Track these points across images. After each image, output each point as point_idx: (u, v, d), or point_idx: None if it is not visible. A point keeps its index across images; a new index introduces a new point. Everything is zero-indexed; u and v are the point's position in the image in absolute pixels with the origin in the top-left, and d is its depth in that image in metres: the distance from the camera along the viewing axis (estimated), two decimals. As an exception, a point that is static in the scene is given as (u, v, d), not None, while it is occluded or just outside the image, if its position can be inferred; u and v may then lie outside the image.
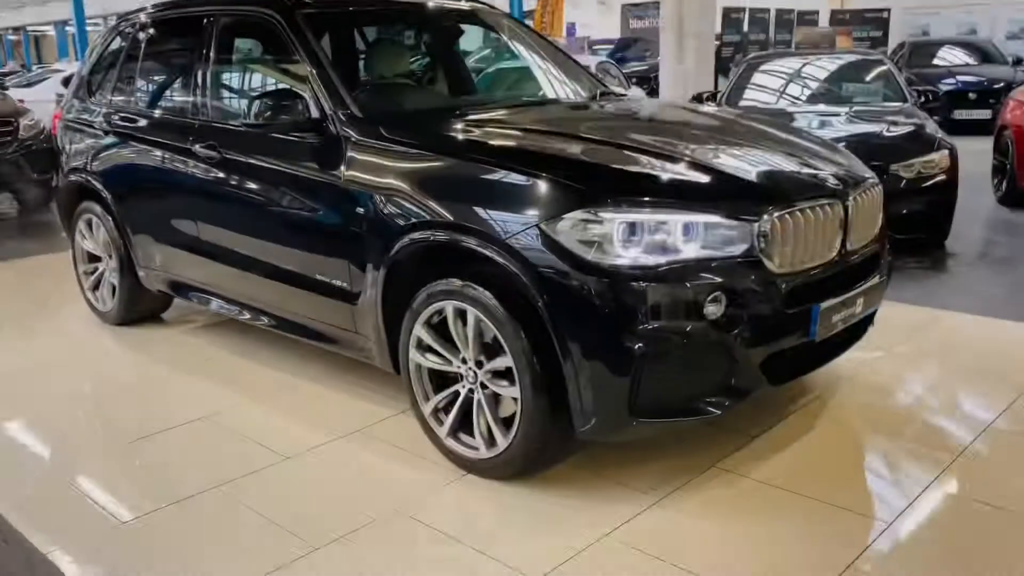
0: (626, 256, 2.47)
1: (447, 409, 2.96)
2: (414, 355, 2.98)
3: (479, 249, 2.67)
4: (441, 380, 2.99)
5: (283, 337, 3.84)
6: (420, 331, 2.92)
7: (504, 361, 2.68)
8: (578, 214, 2.50)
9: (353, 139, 3.12)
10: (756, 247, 2.52)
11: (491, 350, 2.77)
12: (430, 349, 2.95)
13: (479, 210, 2.69)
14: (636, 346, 2.43)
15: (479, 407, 2.82)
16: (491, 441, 2.81)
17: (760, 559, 2.39)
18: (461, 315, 2.80)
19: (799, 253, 2.64)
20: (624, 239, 2.48)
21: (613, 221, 2.48)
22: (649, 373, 2.47)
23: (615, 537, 2.51)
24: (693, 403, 2.59)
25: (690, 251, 2.49)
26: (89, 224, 4.63)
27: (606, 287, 2.45)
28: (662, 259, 2.47)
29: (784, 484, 2.77)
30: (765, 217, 2.54)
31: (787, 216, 2.60)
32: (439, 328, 2.91)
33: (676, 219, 2.49)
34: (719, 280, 2.48)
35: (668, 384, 2.53)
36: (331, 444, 3.19)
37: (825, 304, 2.70)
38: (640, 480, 2.81)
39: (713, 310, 2.47)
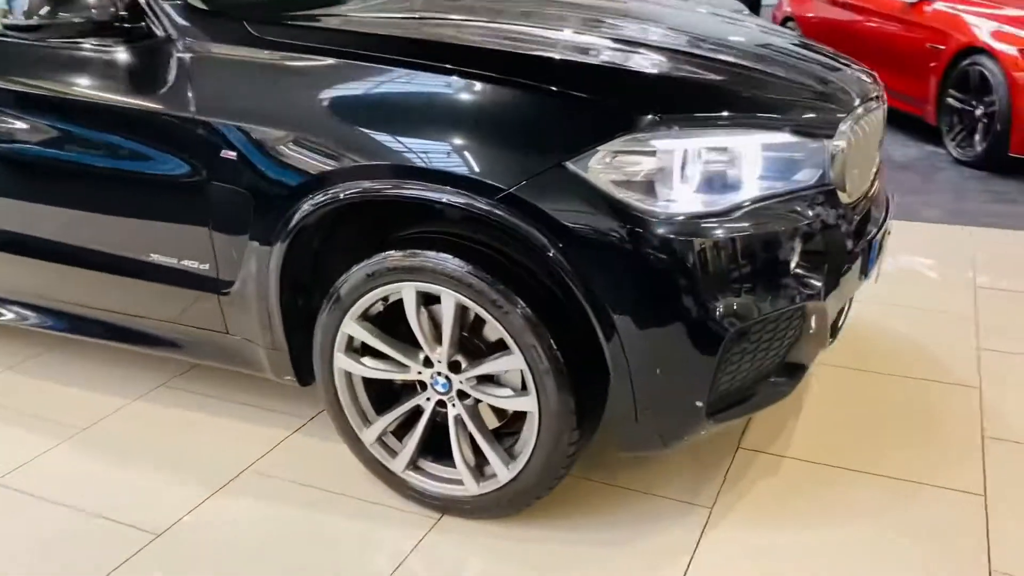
0: (693, 198, 1.72)
1: (400, 432, 2.09)
2: (342, 361, 2.04)
3: (463, 206, 1.78)
4: (386, 393, 2.11)
5: (107, 350, 2.68)
6: (352, 327, 1.99)
7: (505, 362, 1.86)
8: (619, 142, 1.70)
9: (200, 46, 2.03)
10: (827, 173, 1.88)
11: (470, 348, 1.94)
12: (370, 351, 2.03)
13: (459, 146, 1.78)
14: (724, 320, 1.73)
15: (459, 425, 1.99)
16: (481, 472, 2.01)
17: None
18: (425, 301, 1.91)
19: (860, 176, 2.04)
20: (686, 174, 1.72)
21: (672, 151, 1.71)
22: (734, 353, 1.79)
23: (691, 580, 1.85)
24: (763, 384, 1.95)
25: (768, 185, 1.79)
26: None
27: (675, 245, 1.68)
28: (736, 198, 1.75)
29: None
30: (842, 129, 1.90)
31: (856, 127, 1.98)
32: (380, 322, 2.01)
33: (748, 141, 1.78)
34: (805, 222, 1.82)
35: (748, 364, 1.87)
36: (213, 502, 2.19)
37: (877, 236, 2.15)
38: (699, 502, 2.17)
39: (799, 263, 1.82)
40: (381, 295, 1.94)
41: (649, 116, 1.71)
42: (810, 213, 1.83)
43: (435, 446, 2.06)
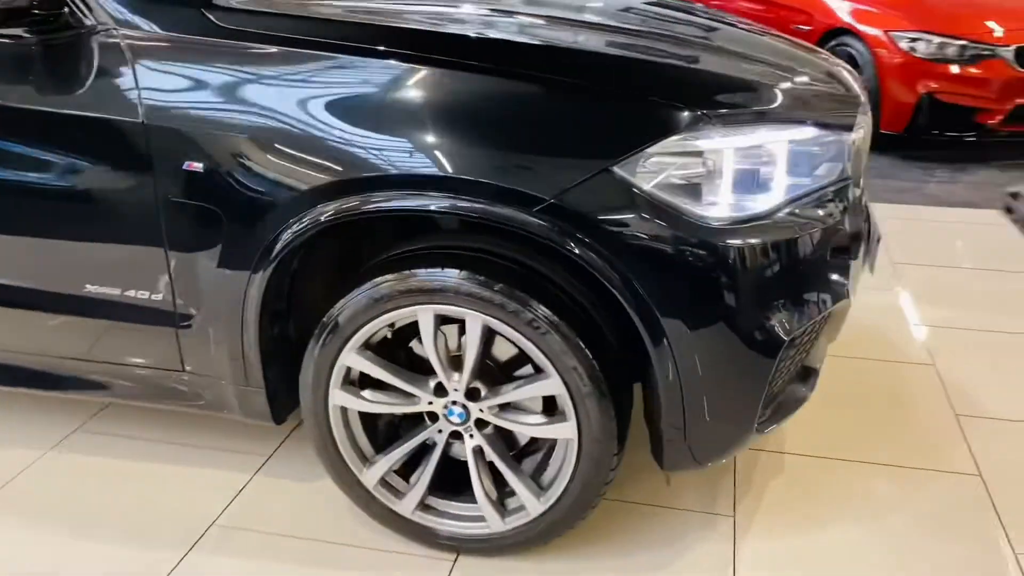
0: (741, 200, 1.61)
1: (406, 471, 1.87)
2: (339, 396, 1.79)
3: (495, 218, 1.58)
4: (384, 428, 1.89)
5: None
6: (352, 358, 1.75)
7: (539, 387, 1.69)
8: (670, 142, 1.56)
9: (144, 36, 1.70)
10: (847, 167, 1.83)
11: (486, 374, 1.76)
12: (370, 383, 1.80)
13: (490, 154, 1.58)
14: (782, 325, 1.63)
15: (478, 457, 1.80)
16: (503, 505, 1.83)
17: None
18: (442, 325, 1.71)
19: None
20: (734, 176, 1.61)
21: (720, 151, 1.59)
22: (785, 359, 1.70)
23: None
24: (789, 390, 1.89)
25: (802, 183, 1.70)
26: None
27: (730, 250, 1.57)
28: (777, 198, 1.66)
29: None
30: (859, 121, 1.85)
31: (865, 119, 1.94)
32: (383, 352, 1.78)
33: (786, 137, 1.68)
34: (836, 219, 1.75)
35: (788, 370, 1.79)
36: (184, 570, 1.88)
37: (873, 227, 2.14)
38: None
39: (834, 261, 1.76)
40: (389, 321, 1.71)
41: (697, 114, 1.58)
42: (838, 209, 1.77)
43: (446, 481, 1.86)
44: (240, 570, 1.87)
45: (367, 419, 1.86)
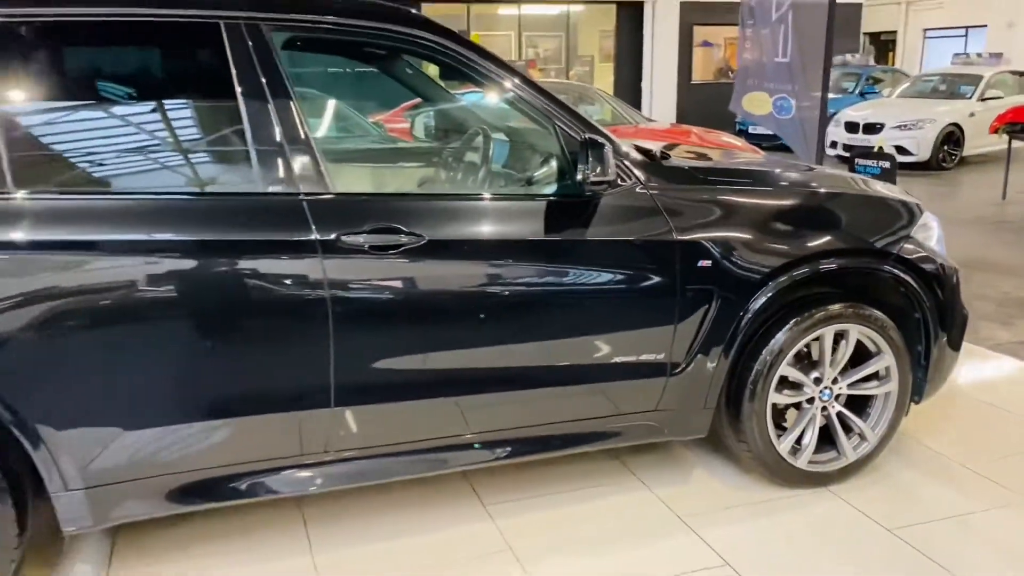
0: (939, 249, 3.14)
1: (800, 439, 2.99)
2: (772, 397, 2.88)
3: (872, 268, 2.90)
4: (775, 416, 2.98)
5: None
6: (786, 370, 2.86)
7: (879, 362, 2.98)
8: (924, 217, 3.05)
9: (654, 188, 2.69)
10: None
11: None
12: (788, 384, 2.91)
13: (862, 232, 2.93)
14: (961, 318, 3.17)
15: (840, 419, 3.00)
16: (857, 443, 3.04)
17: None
18: (836, 337, 2.92)
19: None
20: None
21: (931, 223, 3.11)
22: None
23: None
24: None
25: None
26: None
27: (948, 278, 3.07)
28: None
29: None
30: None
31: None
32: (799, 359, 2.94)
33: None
34: None
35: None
36: None
37: None
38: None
39: None
40: (808, 340, 2.87)
41: (919, 205, 3.09)
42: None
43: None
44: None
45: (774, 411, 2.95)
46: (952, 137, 12.10)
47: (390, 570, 2.57)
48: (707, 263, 2.70)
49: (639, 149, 2.83)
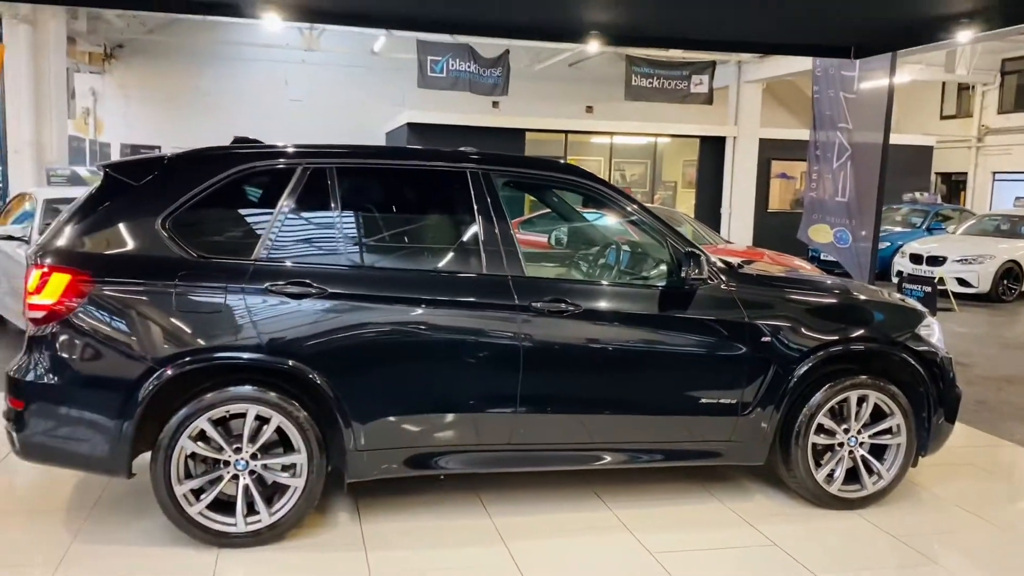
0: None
1: (832, 472, 4.15)
2: (813, 439, 4.08)
3: (887, 352, 4.13)
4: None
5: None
6: (823, 419, 4.07)
7: (889, 421, 4.15)
8: (927, 319, 4.28)
9: (735, 285, 4.02)
10: None
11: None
12: (825, 430, 4.11)
13: (883, 325, 4.20)
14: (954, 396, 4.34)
15: (863, 461, 4.16)
16: (876, 480, 4.18)
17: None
18: (859, 400, 4.13)
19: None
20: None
21: (933, 324, 4.33)
22: None
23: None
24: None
25: None
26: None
27: (944, 364, 4.26)
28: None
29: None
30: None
31: (930, 314, 4.86)
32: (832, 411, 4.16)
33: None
34: None
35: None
36: None
37: None
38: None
39: None
40: (839, 399, 4.09)
41: (924, 313, 4.34)
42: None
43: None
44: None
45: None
46: (1012, 272, 13.09)
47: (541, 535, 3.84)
48: (768, 339, 4.00)
49: (723, 261, 4.19)
